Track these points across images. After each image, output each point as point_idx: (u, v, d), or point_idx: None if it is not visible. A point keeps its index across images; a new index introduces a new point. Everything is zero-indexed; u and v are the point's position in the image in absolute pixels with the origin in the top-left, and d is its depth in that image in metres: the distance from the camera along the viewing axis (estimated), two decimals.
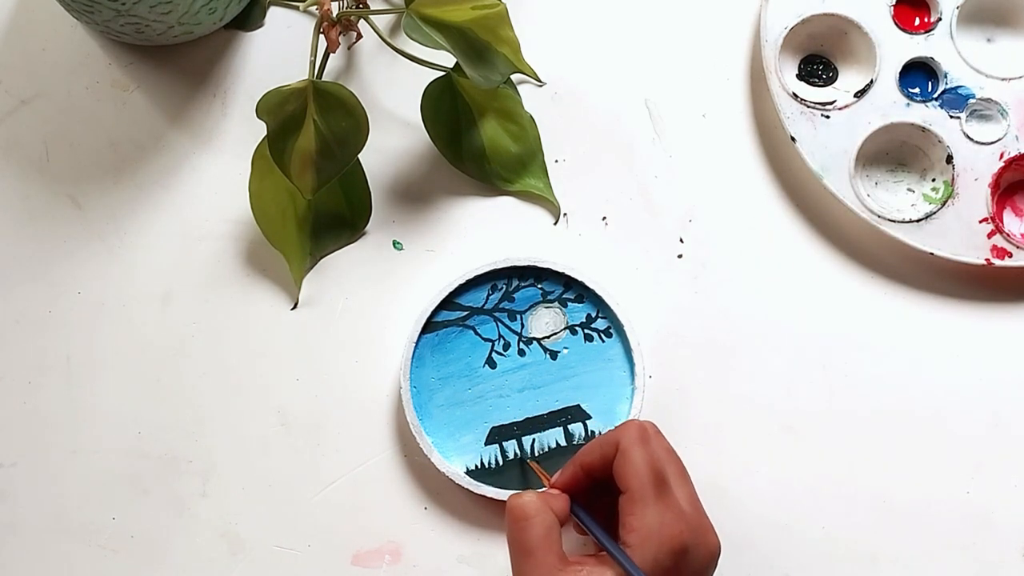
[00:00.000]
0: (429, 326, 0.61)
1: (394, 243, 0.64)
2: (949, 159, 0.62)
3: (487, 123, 0.63)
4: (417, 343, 0.60)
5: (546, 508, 0.52)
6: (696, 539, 0.51)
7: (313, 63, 0.60)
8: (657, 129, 0.65)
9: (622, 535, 0.51)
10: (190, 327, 0.63)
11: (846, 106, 0.63)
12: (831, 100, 0.64)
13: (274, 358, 0.62)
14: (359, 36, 0.64)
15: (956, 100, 0.63)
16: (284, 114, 0.57)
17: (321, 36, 0.61)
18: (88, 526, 0.61)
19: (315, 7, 0.62)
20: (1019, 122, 0.63)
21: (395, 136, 0.64)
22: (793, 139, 0.62)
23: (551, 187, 0.64)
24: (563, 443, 0.60)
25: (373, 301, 0.63)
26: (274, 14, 0.66)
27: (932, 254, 0.61)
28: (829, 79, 0.65)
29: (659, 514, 0.51)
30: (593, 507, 0.55)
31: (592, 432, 0.60)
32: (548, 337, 0.61)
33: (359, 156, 0.60)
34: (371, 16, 0.63)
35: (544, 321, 0.62)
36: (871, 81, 0.63)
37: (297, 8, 0.66)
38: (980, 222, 0.62)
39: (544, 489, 0.55)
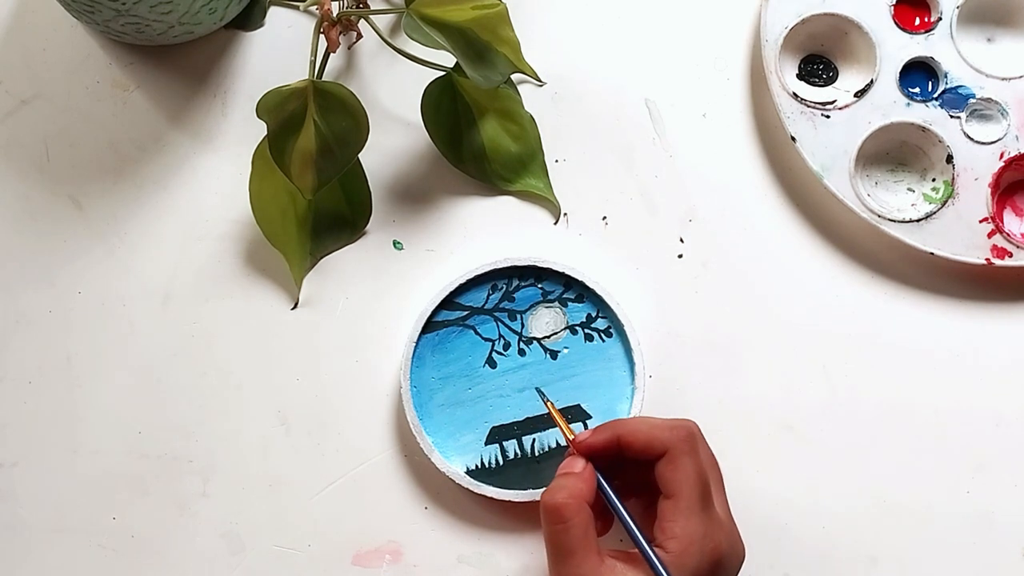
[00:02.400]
0: (429, 326, 0.61)
1: (394, 243, 0.64)
2: (949, 159, 0.62)
3: (487, 123, 0.63)
4: (417, 343, 0.60)
5: (584, 506, 0.51)
6: (731, 549, 0.52)
7: (313, 63, 0.60)
8: (657, 129, 0.65)
9: (660, 539, 0.51)
10: (190, 327, 0.63)
11: (846, 106, 0.63)
12: (831, 100, 0.64)
13: (274, 358, 0.62)
14: (359, 36, 0.64)
15: (956, 100, 0.63)
16: (284, 114, 0.57)
17: (321, 36, 0.61)
18: (88, 526, 0.61)
19: (315, 7, 0.62)
20: (1019, 122, 0.63)
21: (395, 136, 0.64)
22: (793, 139, 0.62)
23: (551, 187, 0.64)
24: (563, 443, 0.60)
25: (373, 301, 0.63)
26: (274, 14, 0.66)
27: (932, 254, 0.61)
28: (829, 79, 0.65)
29: (702, 525, 0.51)
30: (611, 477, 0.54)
31: None
32: (548, 337, 0.61)
33: (359, 156, 0.60)
34: (371, 16, 0.63)
35: (544, 321, 0.62)
36: (871, 81, 0.63)
37: (297, 8, 0.66)
38: (980, 222, 0.62)
39: (565, 468, 0.53)
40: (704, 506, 0.51)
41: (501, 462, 0.60)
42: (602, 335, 0.61)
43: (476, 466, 0.60)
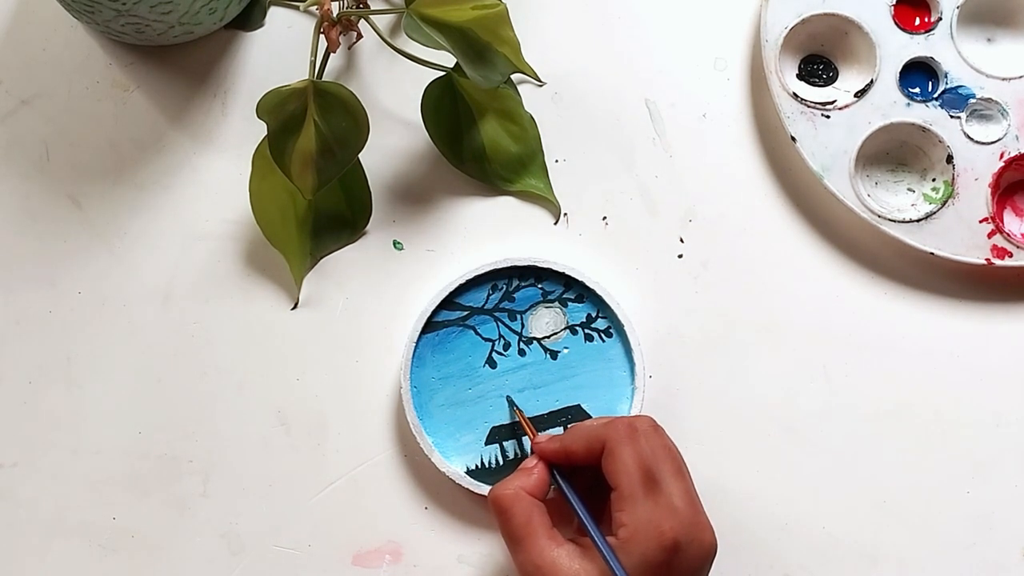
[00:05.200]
0: (429, 326, 0.61)
1: (394, 243, 0.64)
2: (949, 159, 0.62)
3: (487, 123, 0.63)
4: (417, 343, 0.60)
5: (522, 496, 0.53)
6: (690, 536, 0.51)
7: (313, 63, 0.60)
8: (657, 129, 0.65)
9: (612, 529, 0.52)
10: (190, 327, 0.63)
11: (846, 106, 0.63)
12: (831, 100, 0.64)
13: (274, 358, 0.62)
14: (359, 36, 0.64)
15: (956, 100, 0.63)
16: (284, 114, 0.57)
17: (321, 36, 0.61)
18: (88, 526, 0.61)
19: (315, 7, 0.62)
20: (1019, 122, 0.63)
21: (395, 136, 0.64)
22: (793, 139, 0.62)
23: (551, 187, 0.64)
24: None
25: (373, 301, 0.63)
26: (274, 14, 0.66)
27: (932, 254, 0.61)
28: (829, 79, 0.65)
29: (649, 511, 0.51)
30: (588, 495, 0.55)
31: None
32: (548, 337, 0.61)
33: (359, 156, 0.60)
34: (371, 16, 0.63)
35: (544, 321, 0.62)
36: (871, 81, 0.63)
37: (297, 8, 0.66)
38: (980, 222, 0.62)
39: (521, 466, 0.56)
40: (648, 493, 0.51)
41: (501, 462, 0.60)
42: (602, 335, 0.61)
43: (476, 466, 0.60)
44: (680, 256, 0.64)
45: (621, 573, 0.50)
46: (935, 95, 0.63)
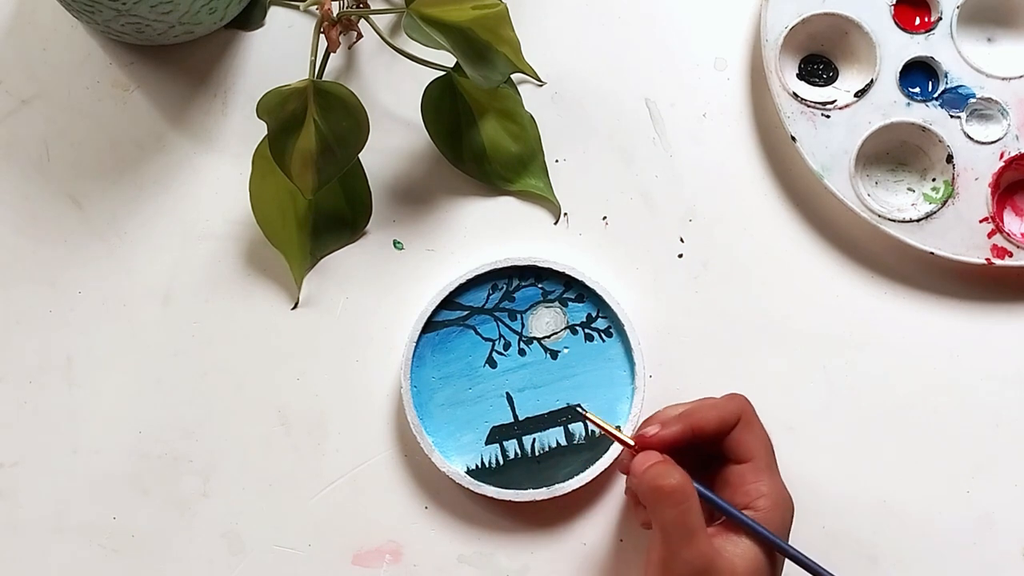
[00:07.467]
0: (429, 326, 0.61)
1: (394, 243, 0.64)
2: (949, 159, 0.62)
3: (487, 123, 0.63)
4: (417, 343, 0.60)
5: (691, 484, 0.52)
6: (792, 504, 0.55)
7: (313, 63, 0.60)
8: (657, 129, 0.65)
9: (747, 501, 0.53)
10: (190, 327, 0.63)
11: (846, 106, 0.63)
12: (831, 100, 0.64)
13: (274, 358, 0.62)
14: (359, 36, 0.64)
15: (956, 100, 0.63)
16: (284, 114, 0.57)
17: (321, 36, 0.61)
18: (88, 526, 0.61)
19: (315, 7, 0.62)
20: (1019, 122, 0.63)
21: (395, 136, 0.64)
22: (793, 139, 0.62)
23: (551, 187, 0.64)
24: (563, 443, 0.60)
25: (373, 301, 0.63)
26: (274, 14, 0.66)
27: (932, 254, 0.61)
28: (829, 79, 0.65)
29: (779, 481, 0.54)
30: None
31: (593, 432, 0.60)
32: (548, 337, 0.61)
33: (359, 156, 0.60)
34: (371, 16, 0.63)
35: (544, 321, 0.62)
36: (871, 81, 0.63)
37: (297, 8, 0.66)
38: (980, 222, 0.62)
39: (649, 459, 0.53)
40: (775, 464, 0.55)
41: (501, 462, 0.60)
42: (602, 335, 0.61)
43: (476, 466, 0.60)
44: (680, 256, 0.64)
45: (788, 548, 0.53)
46: (935, 95, 0.63)
